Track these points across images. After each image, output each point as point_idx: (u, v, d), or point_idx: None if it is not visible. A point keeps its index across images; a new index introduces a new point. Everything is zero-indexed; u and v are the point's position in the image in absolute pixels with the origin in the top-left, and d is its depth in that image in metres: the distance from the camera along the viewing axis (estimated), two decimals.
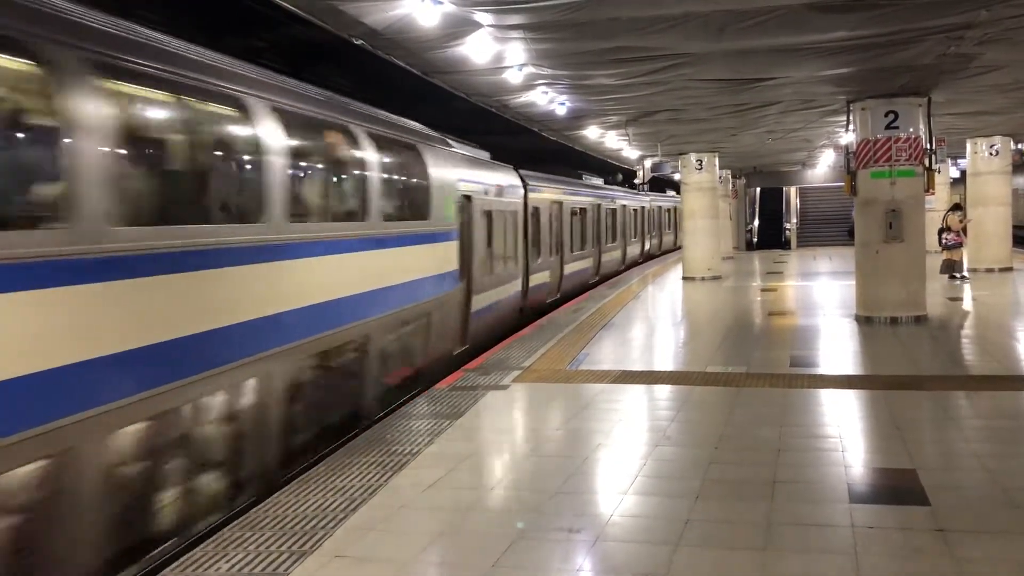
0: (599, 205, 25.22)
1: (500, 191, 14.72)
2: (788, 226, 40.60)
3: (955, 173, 32.02)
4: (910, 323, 13.87)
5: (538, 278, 17.96)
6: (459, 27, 9.17)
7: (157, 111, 6.30)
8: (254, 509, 6.01)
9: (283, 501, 6.12)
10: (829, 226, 39.65)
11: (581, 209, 22.83)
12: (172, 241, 5.71)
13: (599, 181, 27.34)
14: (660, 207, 40.16)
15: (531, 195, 17.52)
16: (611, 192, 27.95)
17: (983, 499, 5.91)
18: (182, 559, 5.16)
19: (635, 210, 32.23)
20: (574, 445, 7.55)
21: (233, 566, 5.02)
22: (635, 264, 31.36)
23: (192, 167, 6.51)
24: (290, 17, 9.28)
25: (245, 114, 6.84)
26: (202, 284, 6.03)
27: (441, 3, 8.25)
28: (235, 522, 5.78)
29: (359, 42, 9.59)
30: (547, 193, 19.29)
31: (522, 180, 17.19)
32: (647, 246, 35.25)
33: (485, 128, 20.18)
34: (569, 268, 21.25)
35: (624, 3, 8.32)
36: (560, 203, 20.42)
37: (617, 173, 28.64)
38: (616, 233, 28.13)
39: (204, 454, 6.43)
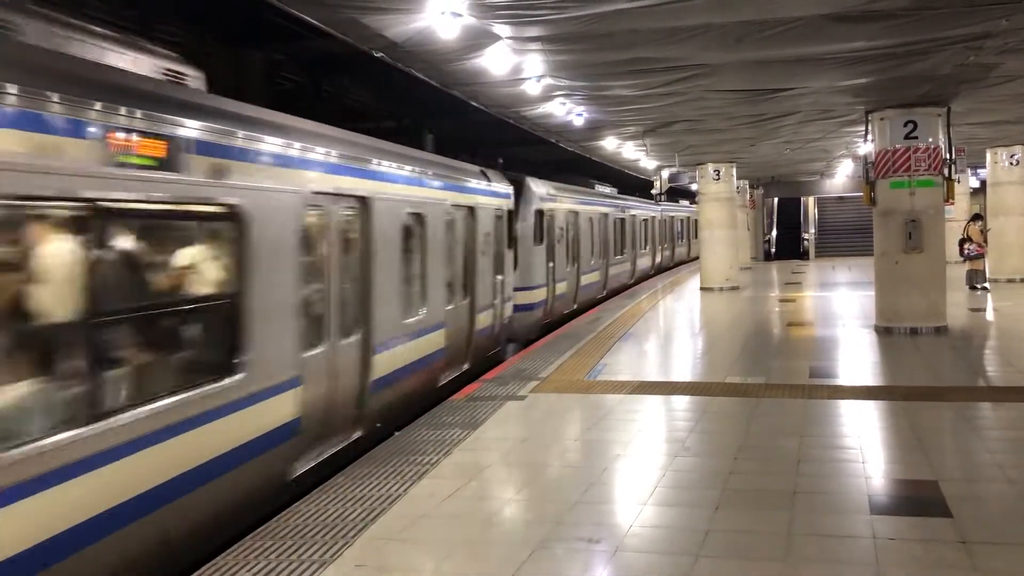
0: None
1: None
2: (806, 236, 40.43)
3: (975, 183, 31.83)
4: (930, 334, 13.77)
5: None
6: (478, 39, 9.22)
7: None
8: (275, 518, 6.04)
9: (303, 511, 6.15)
10: (848, 236, 39.44)
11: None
12: None
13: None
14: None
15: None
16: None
17: (1007, 511, 5.87)
18: (203, 568, 5.19)
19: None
20: (593, 455, 7.56)
21: (255, 575, 5.05)
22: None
23: None
24: (311, 29, 9.37)
25: None
26: None
27: (460, 16, 8.30)
28: (256, 531, 5.81)
29: (379, 54, 9.66)
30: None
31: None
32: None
33: (501, 139, 20.25)
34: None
35: (643, 14, 8.34)
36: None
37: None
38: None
39: None
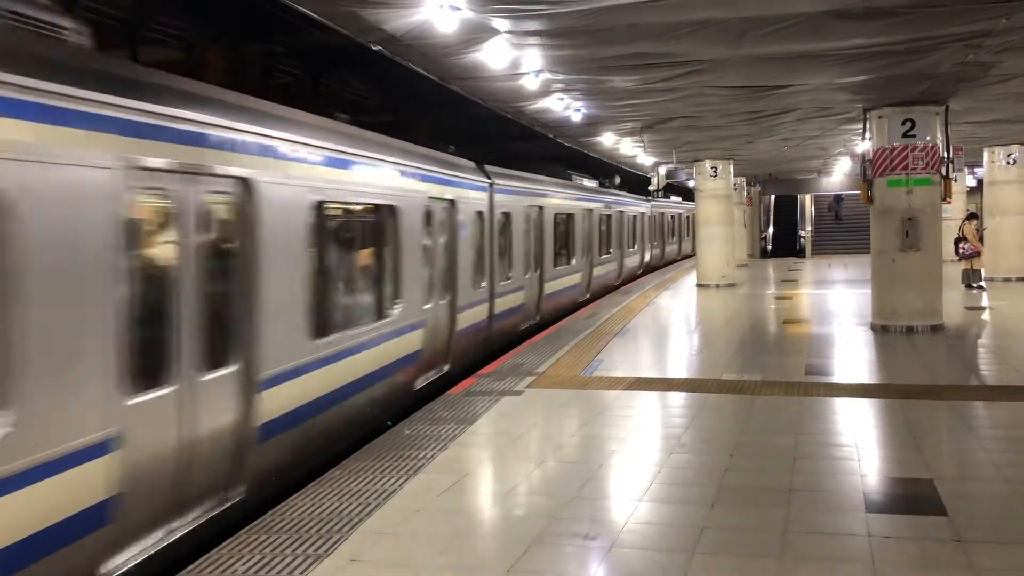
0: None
1: None
2: (803, 234, 40.40)
3: (972, 182, 31.85)
4: (926, 332, 13.78)
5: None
6: (477, 33, 9.18)
7: None
8: (270, 512, 6.03)
9: (298, 504, 6.14)
10: (845, 234, 39.43)
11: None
12: None
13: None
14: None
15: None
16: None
17: (1002, 509, 5.87)
18: (198, 561, 5.18)
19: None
20: (589, 451, 7.55)
21: (249, 568, 5.03)
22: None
23: None
24: (309, 22, 9.32)
25: None
26: None
27: (459, 9, 8.26)
28: (251, 525, 5.80)
29: (377, 48, 9.62)
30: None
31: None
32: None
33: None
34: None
35: (643, 9, 8.31)
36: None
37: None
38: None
39: None
